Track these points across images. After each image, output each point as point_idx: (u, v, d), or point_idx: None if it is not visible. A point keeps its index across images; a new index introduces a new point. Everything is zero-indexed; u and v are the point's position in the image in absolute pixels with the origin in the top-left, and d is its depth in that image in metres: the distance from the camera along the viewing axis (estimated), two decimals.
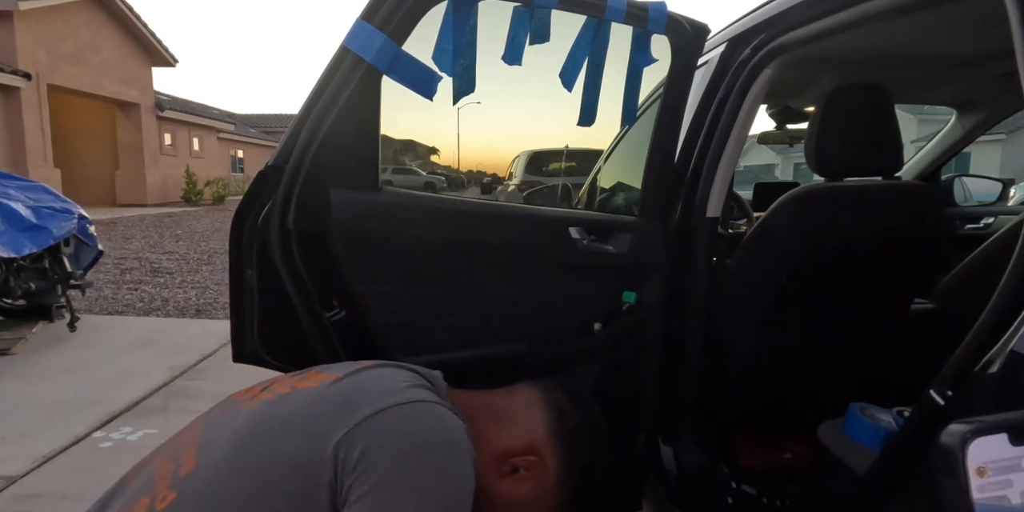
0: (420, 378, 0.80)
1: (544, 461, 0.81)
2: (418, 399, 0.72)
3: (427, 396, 0.74)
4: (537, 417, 0.83)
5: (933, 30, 1.40)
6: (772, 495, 1.41)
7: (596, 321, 1.33)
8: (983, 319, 0.69)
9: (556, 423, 0.83)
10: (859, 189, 1.33)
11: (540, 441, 0.81)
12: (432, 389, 0.80)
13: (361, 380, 0.76)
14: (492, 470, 0.80)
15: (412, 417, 0.70)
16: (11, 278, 3.55)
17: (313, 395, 0.74)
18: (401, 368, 0.82)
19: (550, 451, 0.81)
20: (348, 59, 0.98)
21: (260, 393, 0.78)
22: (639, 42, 1.23)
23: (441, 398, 0.79)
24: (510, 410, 0.85)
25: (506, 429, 0.82)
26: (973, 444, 0.54)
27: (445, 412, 0.73)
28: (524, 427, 0.83)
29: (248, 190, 1.03)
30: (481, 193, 12.81)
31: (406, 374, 0.79)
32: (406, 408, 0.70)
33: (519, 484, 0.81)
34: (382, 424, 0.67)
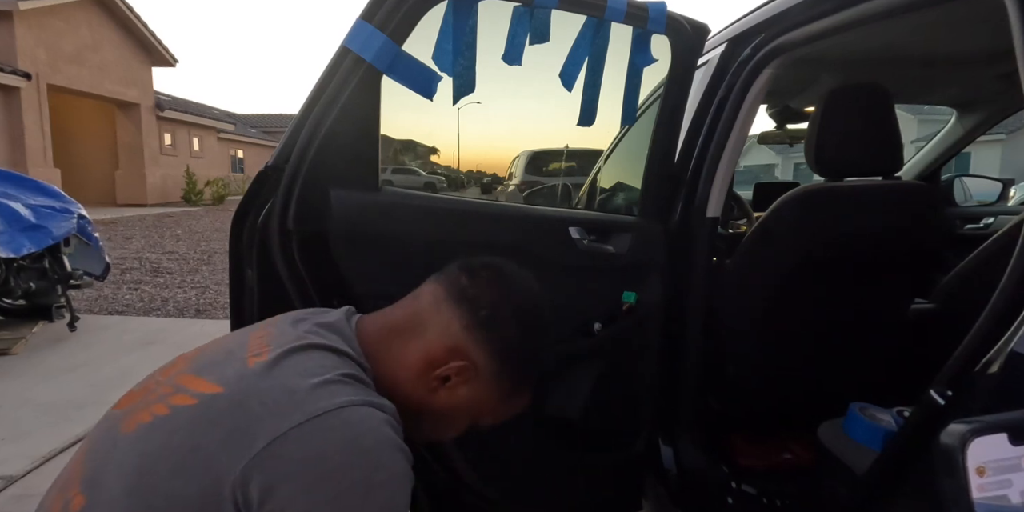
0: (325, 353, 0.68)
1: (471, 360, 0.73)
2: (319, 412, 0.59)
3: (329, 398, 0.61)
4: (446, 315, 0.73)
5: (933, 30, 1.40)
6: (772, 495, 1.41)
7: (596, 321, 1.33)
8: (983, 319, 0.69)
9: (469, 315, 0.73)
10: (859, 189, 1.33)
11: (458, 341, 0.73)
12: (341, 356, 0.69)
13: (249, 392, 0.62)
14: (422, 388, 0.74)
15: (317, 436, 0.59)
16: (11, 278, 3.55)
17: (195, 419, 0.61)
18: (298, 347, 0.68)
19: (473, 348, 0.73)
20: (348, 59, 0.98)
21: (137, 411, 0.66)
22: (639, 42, 1.23)
23: (354, 352, 0.70)
24: (417, 318, 0.75)
25: (418, 340, 0.73)
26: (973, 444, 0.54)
27: (356, 413, 0.61)
28: (436, 332, 0.73)
29: (248, 190, 1.03)
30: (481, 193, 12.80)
31: (305, 360, 0.66)
32: (307, 428, 0.58)
33: (455, 392, 0.74)
34: (282, 454, 0.57)
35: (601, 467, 1.44)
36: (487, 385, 0.75)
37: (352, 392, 0.63)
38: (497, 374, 0.74)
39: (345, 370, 0.66)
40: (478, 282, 0.75)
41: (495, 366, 0.74)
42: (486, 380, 0.74)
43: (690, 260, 1.41)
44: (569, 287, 1.30)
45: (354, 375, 0.66)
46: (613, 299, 1.35)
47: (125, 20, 14.20)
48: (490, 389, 0.75)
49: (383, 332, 0.75)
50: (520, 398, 0.80)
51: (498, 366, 0.74)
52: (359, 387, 0.65)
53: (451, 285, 0.75)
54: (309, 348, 0.68)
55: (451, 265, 0.79)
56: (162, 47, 15.48)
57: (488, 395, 0.76)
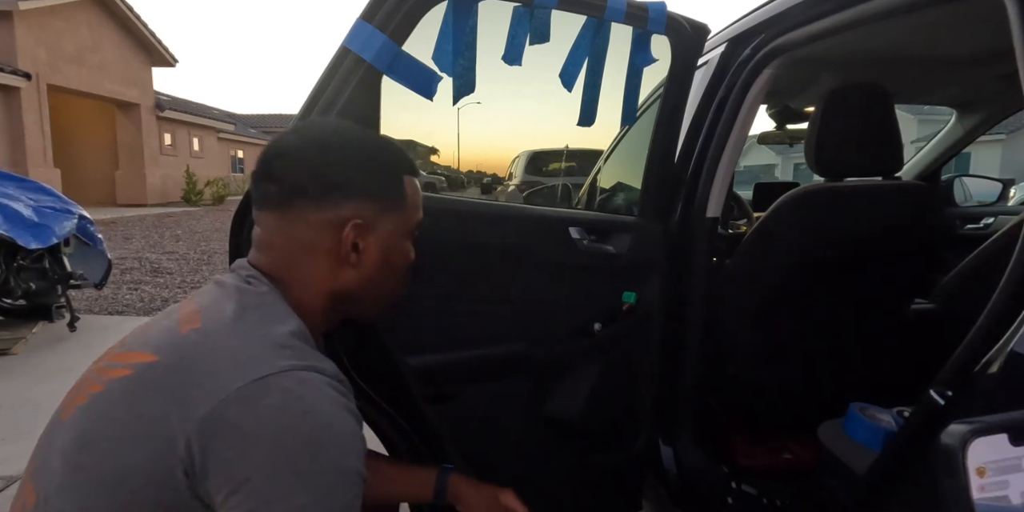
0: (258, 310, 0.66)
1: (348, 217, 0.70)
2: (261, 375, 0.58)
3: (270, 361, 0.60)
4: (291, 219, 0.70)
5: (933, 30, 1.40)
6: (772, 495, 1.41)
7: (596, 321, 1.33)
8: (983, 319, 0.69)
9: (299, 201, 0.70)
10: (859, 189, 1.33)
11: (324, 221, 0.70)
12: (275, 306, 0.67)
13: (185, 357, 0.61)
14: (347, 274, 0.72)
15: (259, 400, 0.57)
16: (11, 278, 3.55)
17: (131, 389, 0.60)
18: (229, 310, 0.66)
19: (335, 213, 0.70)
20: (348, 59, 0.98)
21: (73, 398, 0.65)
22: (639, 42, 1.23)
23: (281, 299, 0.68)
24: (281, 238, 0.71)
25: (299, 250, 0.71)
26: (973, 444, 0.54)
27: (297, 376, 0.59)
28: (302, 232, 0.70)
29: (248, 190, 1.03)
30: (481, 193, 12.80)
31: (241, 322, 0.64)
32: (248, 391, 0.57)
33: (369, 252, 0.72)
34: (225, 419, 0.56)
35: (601, 467, 1.44)
36: (379, 217, 0.73)
37: (293, 355, 0.62)
38: (372, 202, 0.72)
39: (283, 328, 0.64)
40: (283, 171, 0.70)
41: (363, 200, 0.71)
42: (373, 214, 0.72)
43: (690, 260, 1.41)
44: (569, 287, 1.31)
45: (293, 332, 0.65)
46: (613, 299, 1.35)
47: (125, 20, 14.20)
48: (385, 217, 0.73)
49: (272, 263, 0.72)
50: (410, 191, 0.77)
51: (364, 198, 0.71)
52: (299, 349, 0.64)
53: (267, 200, 0.71)
54: (241, 308, 0.66)
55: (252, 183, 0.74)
56: (162, 47, 15.48)
57: (389, 223, 0.74)
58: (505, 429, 1.29)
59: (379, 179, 0.74)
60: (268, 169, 0.71)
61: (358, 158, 0.73)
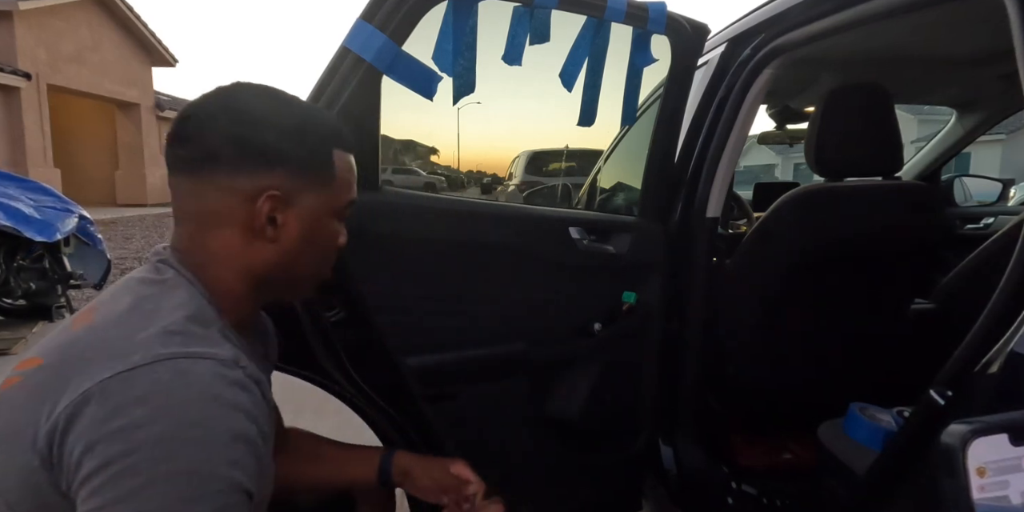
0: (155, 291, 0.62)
1: (264, 188, 0.63)
2: (130, 366, 0.52)
3: (146, 350, 0.54)
4: (205, 189, 0.64)
5: (933, 30, 1.40)
6: (772, 495, 1.41)
7: (596, 321, 1.33)
8: (983, 319, 0.69)
9: (213, 171, 0.63)
10: (859, 189, 1.33)
11: (239, 192, 0.63)
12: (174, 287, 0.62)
13: (65, 354, 0.57)
14: (266, 249, 0.66)
15: (120, 392, 0.51)
16: (11, 278, 3.56)
17: (15, 397, 0.56)
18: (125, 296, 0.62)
19: (252, 184, 0.63)
20: (348, 59, 0.98)
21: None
22: (639, 42, 1.23)
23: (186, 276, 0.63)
24: (196, 211, 0.66)
25: (216, 224, 0.65)
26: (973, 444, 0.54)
27: (173, 366, 0.53)
28: (216, 205, 0.64)
29: None
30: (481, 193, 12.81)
31: (130, 310, 0.59)
32: (111, 383, 0.52)
33: (288, 226, 0.66)
34: (83, 413, 0.51)
35: (601, 467, 1.44)
36: (302, 191, 0.66)
37: (180, 342, 0.56)
38: (294, 176, 0.65)
39: (177, 314, 0.58)
40: (193, 133, 0.64)
41: (284, 173, 0.64)
42: (295, 188, 0.65)
43: (690, 260, 1.41)
44: (569, 287, 1.31)
45: (190, 316, 0.59)
46: (613, 299, 1.35)
47: (125, 20, 14.20)
48: (308, 191, 0.66)
49: (187, 240, 0.67)
50: (341, 167, 0.70)
51: (285, 171, 0.64)
52: (191, 335, 0.57)
53: (177, 165, 0.65)
54: (137, 298, 0.61)
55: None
56: (162, 47, 15.49)
57: (312, 198, 0.67)
58: (505, 429, 1.29)
59: (303, 149, 0.66)
60: (180, 130, 0.64)
61: (281, 125, 0.65)
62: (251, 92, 0.67)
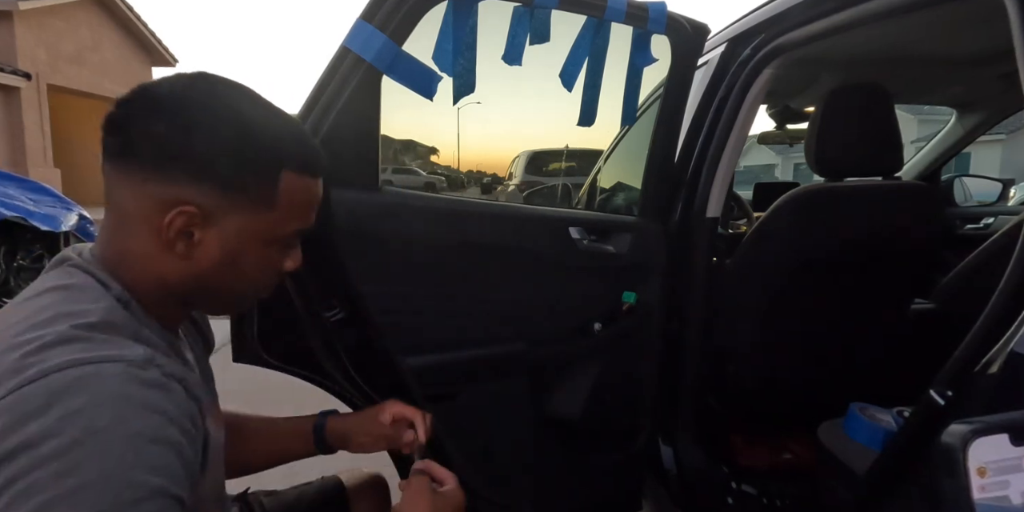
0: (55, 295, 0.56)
1: (181, 201, 0.56)
2: (24, 382, 0.48)
3: (39, 363, 0.49)
4: (124, 186, 0.58)
5: (933, 30, 1.40)
6: (772, 495, 1.41)
7: (596, 321, 1.33)
8: (983, 319, 0.69)
9: (136, 170, 0.57)
10: (859, 189, 1.33)
11: (151, 194, 0.57)
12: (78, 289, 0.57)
13: None
14: (178, 263, 0.59)
15: (14, 409, 0.47)
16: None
17: None
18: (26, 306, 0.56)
19: (169, 189, 0.56)
20: (348, 59, 0.98)
21: None
22: (639, 42, 1.23)
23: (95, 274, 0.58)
24: (114, 208, 0.60)
25: (129, 225, 0.59)
26: (974, 444, 0.54)
27: (69, 374, 0.48)
28: (131, 199, 0.58)
29: None
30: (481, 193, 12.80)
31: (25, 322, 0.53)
32: (5, 402, 0.47)
33: (207, 245, 0.59)
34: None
35: (601, 467, 1.44)
36: (229, 213, 0.59)
37: (79, 349, 0.50)
38: (222, 195, 0.58)
39: (78, 320, 0.53)
40: (114, 133, 0.58)
41: (210, 189, 0.57)
42: (222, 208, 0.58)
43: (690, 260, 1.41)
44: (569, 287, 1.31)
45: (91, 323, 0.53)
46: (613, 299, 1.35)
47: (125, 20, 14.21)
48: (238, 213, 0.59)
49: (107, 236, 0.61)
50: (290, 189, 0.61)
51: (213, 187, 0.57)
52: (94, 340, 0.52)
53: (105, 150, 0.58)
54: (37, 308, 0.55)
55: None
56: (162, 47, 15.49)
57: (243, 220, 0.60)
58: (505, 429, 1.29)
59: (239, 165, 0.58)
60: (113, 113, 0.58)
61: (219, 133, 0.57)
62: (205, 88, 0.59)
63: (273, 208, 0.61)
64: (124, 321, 0.56)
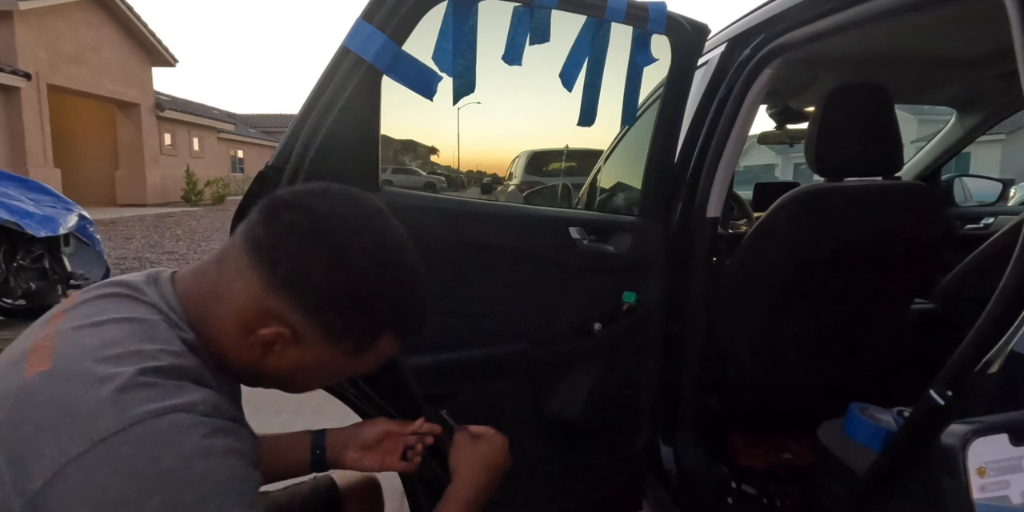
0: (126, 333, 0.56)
1: (284, 322, 0.60)
2: (104, 435, 0.48)
3: (118, 413, 0.50)
4: (246, 274, 0.60)
5: (933, 30, 1.40)
6: (772, 495, 1.41)
7: (596, 321, 1.33)
8: (983, 319, 0.69)
9: (268, 271, 0.59)
10: (859, 189, 1.33)
11: (263, 303, 0.60)
12: (149, 333, 0.57)
13: (25, 415, 0.51)
14: (249, 354, 0.62)
15: (102, 467, 0.48)
16: (11, 278, 3.56)
17: None
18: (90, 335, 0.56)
19: (282, 309, 0.60)
20: (348, 59, 0.98)
21: None
22: (639, 42, 1.23)
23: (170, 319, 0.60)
24: (224, 277, 0.62)
25: (228, 303, 0.61)
26: (974, 444, 0.54)
27: (151, 428, 0.50)
28: (242, 294, 0.60)
29: (248, 190, 1.03)
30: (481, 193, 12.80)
31: (94, 357, 0.53)
32: (89, 458, 0.48)
33: (284, 356, 0.62)
34: (64, 495, 0.47)
35: (601, 467, 1.44)
36: (319, 346, 0.62)
37: (150, 398, 0.51)
38: (324, 333, 0.62)
39: (146, 363, 0.54)
40: (275, 229, 0.60)
41: (317, 325, 0.61)
42: (314, 341, 0.62)
43: (690, 260, 1.41)
44: (569, 287, 1.31)
45: (158, 368, 0.54)
46: (613, 299, 1.35)
47: (125, 20, 14.21)
48: (326, 348, 0.63)
49: (200, 293, 0.63)
50: (382, 347, 0.67)
51: (320, 324, 0.61)
52: (162, 387, 0.53)
53: (248, 235, 0.61)
54: (105, 341, 0.55)
55: (261, 204, 0.63)
56: (162, 47, 15.50)
57: (327, 355, 0.64)
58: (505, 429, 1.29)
59: (352, 324, 0.63)
60: (280, 211, 0.61)
61: (358, 290, 0.61)
62: (372, 238, 0.62)
63: (358, 358, 0.66)
64: (189, 366, 0.58)
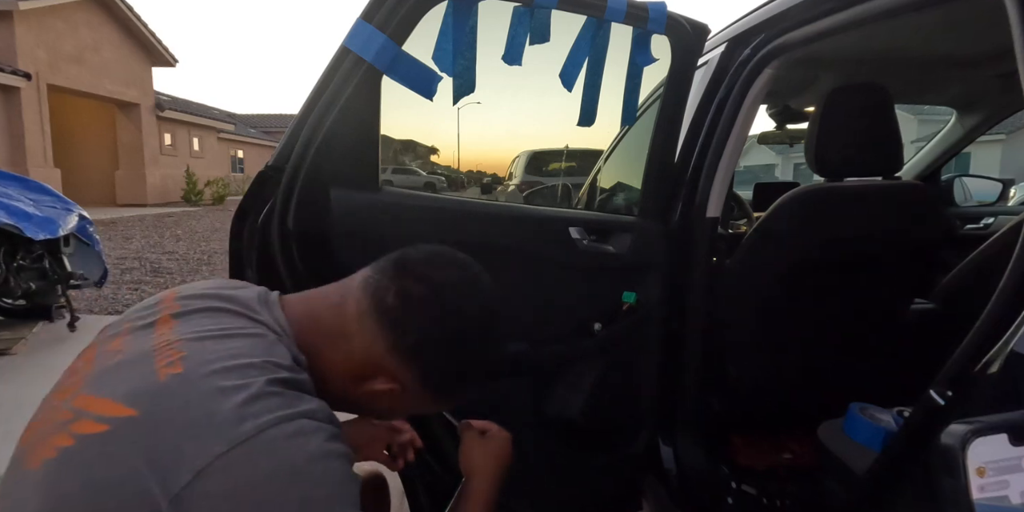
0: (248, 350, 0.61)
1: (396, 379, 0.67)
2: (244, 437, 0.53)
3: (254, 418, 0.55)
4: (370, 333, 0.66)
5: (933, 30, 1.40)
6: (772, 495, 1.41)
7: (596, 321, 1.33)
8: (983, 319, 0.69)
9: (393, 338, 0.66)
10: (859, 189, 1.33)
11: (382, 361, 0.66)
12: (268, 351, 0.62)
13: (165, 415, 0.55)
14: (347, 387, 0.69)
15: (243, 465, 0.53)
16: (11, 278, 3.55)
17: (108, 450, 0.53)
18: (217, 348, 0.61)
19: (397, 369, 0.67)
20: (348, 59, 0.98)
21: (38, 444, 0.57)
22: (639, 42, 1.23)
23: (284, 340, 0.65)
24: (342, 323, 0.68)
25: (343, 348, 0.67)
26: (973, 444, 0.54)
27: (284, 431, 0.55)
28: (361, 346, 0.67)
29: (248, 190, 1.03)
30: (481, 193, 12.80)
31: (226, 368, 0.58)
32: (232, 457, 0.52)
33: (383, 400, 0.70)
34: (209, 490, 0.52)
35: (601, 467, 1.44)
36: (412, 396, 0.70)
37: (279, 405, 0.57)
38: (422, 389, 0.69)
39: (272, 375, 0.59)
40: (408, 304, 0.66)
41: (421, 384, 0.69)
42: (411, 393, 0.70)
43: (690, 260, 1.41)
44: (569, 287, 1.31)
45: (282, 379, 0.60)
46: (613, 299, 1.35)
47: (125, 20, 14.21)
48: (416, 398, 0.71)
49: (313, 330, 0.68)
50: (449, 400, 0.76)
51: (424, 384, 0.69)
52: (287, 396, 0.58)
53: (377, 301, 0.66)
54: (232, 351, 0.60)
55: (384, 267, 0.70)
56: (162, 47, 15.49)
57: (422, 401, 0.72)
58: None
59: (453, 378, 0.71)
60: (410, 281, 0.67)
61: (463, 352, 0.69)
62: (475, 315, 0.69)
63: (443, 403, 0.76)
64: (304, 380, 0.63)
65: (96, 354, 0.64)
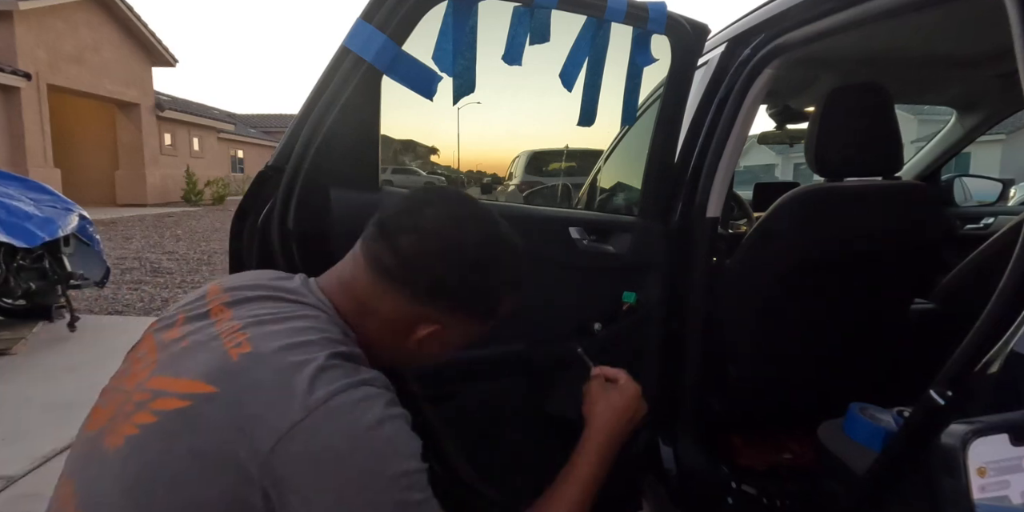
0: (308, 332, 0.66)
1: (434, 321, 0.73)
2: (318, 404, 0.59)
3: (325, 386, 0.60)
4: (390, 295, 0.71)
5: (933, 30, 1.40)
6: (772, 495, 1.41)
7: (596, 321, 1.33)
8: (983, 319, 0.69)
9: (411, 291, 0.71)
10: (859, 189, 1.33)
11: (414, 312, 0.72)
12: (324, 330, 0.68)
13: (243, 390, 0.60)
14: (402, 349, 0.75)
15: (320, 429, 0.58)
16: (11, 278, 3.55)
17: (192, 423, 0.59)
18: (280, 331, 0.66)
19: (431, 312, 0.72)
20: (348, 59, 0.98)
21: (117, 425, 0.62)
22: (639, 42, 1.23)
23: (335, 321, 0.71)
24: (364, 300, 0.73)
25: (378, 319, 0.73)
26: (974, 444, 0.54)
27: (351, 397, 0.61)
28: (390, 309, 0.72)
29: (248, 190, 1.03)
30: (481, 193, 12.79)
31: (291, 346, 0.64)
32: (309, 422, 0.58)
33: (434, 342, 0.75)
34: (292, 453, 0.57)
35: None
36: (457, 329, 0.75)
37: (343, 375, 0.62)
38: (462, 320, 0.75)
39: (331, 349, 0.65)
40: (400, 256, 0.70)
41: (459, 315, 0.74)
42: (455, 326, 0.75)
43: (690, 260, 1.41)
44: (569, 287, 1.31)
45: (340, 353, 0.65)
46: (613, 299, 1.35)
47: (125, 20, 14.21)
48: (467, 324, 0.76)
49: (351, 306, 0.73)
50: (506, 306, 0.79)
51: (462, 313, 0.74)
52: (347, 367, 0.64)
53: (378, 266, 0.71)
54: (292, 331, 0.66)
55: (371, 231, 0.74)
56: (162, 47, 15.49)
57: (467, 328, 0.77)
58: (505, 429, 1.29)
59: (481, 299, 0.75)
60: (396, 236, 0.70)
61: (475, 275, 0.72)
62: (469, 226, 0.72)
63: (488, 322, 0.79)
64: (358, 353, 0.70)
65: (155, 343, 0.70)
